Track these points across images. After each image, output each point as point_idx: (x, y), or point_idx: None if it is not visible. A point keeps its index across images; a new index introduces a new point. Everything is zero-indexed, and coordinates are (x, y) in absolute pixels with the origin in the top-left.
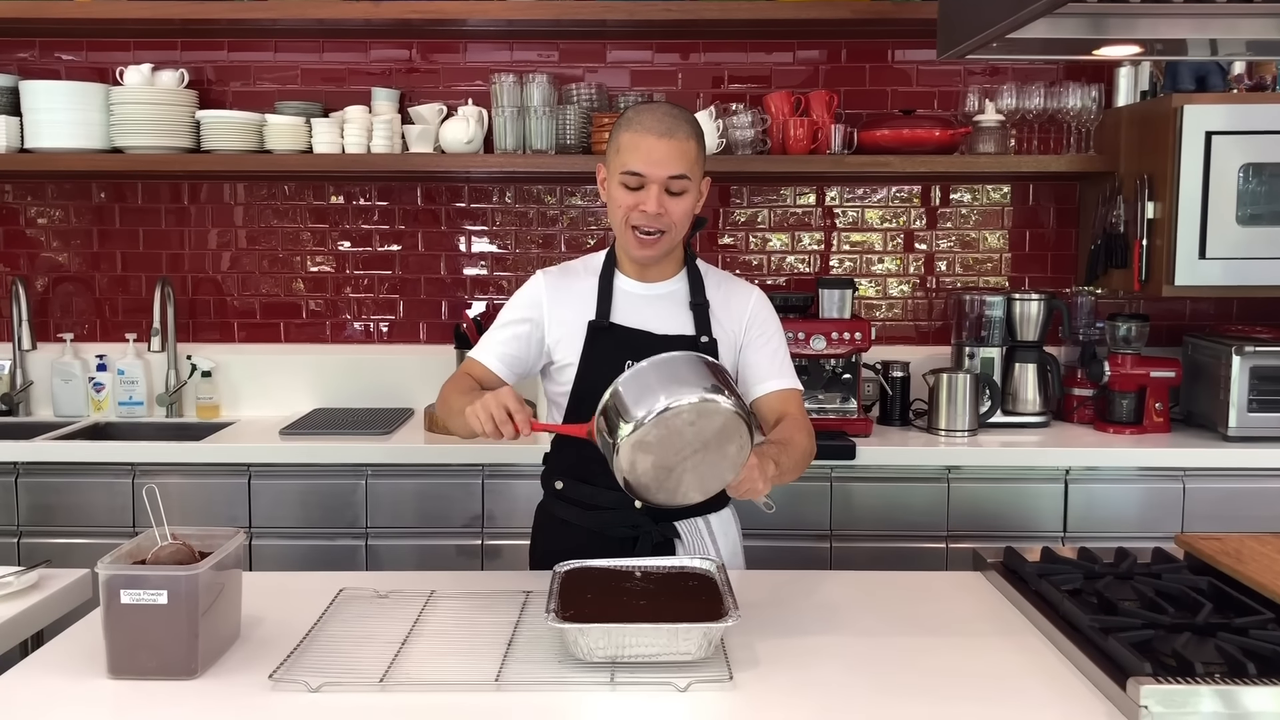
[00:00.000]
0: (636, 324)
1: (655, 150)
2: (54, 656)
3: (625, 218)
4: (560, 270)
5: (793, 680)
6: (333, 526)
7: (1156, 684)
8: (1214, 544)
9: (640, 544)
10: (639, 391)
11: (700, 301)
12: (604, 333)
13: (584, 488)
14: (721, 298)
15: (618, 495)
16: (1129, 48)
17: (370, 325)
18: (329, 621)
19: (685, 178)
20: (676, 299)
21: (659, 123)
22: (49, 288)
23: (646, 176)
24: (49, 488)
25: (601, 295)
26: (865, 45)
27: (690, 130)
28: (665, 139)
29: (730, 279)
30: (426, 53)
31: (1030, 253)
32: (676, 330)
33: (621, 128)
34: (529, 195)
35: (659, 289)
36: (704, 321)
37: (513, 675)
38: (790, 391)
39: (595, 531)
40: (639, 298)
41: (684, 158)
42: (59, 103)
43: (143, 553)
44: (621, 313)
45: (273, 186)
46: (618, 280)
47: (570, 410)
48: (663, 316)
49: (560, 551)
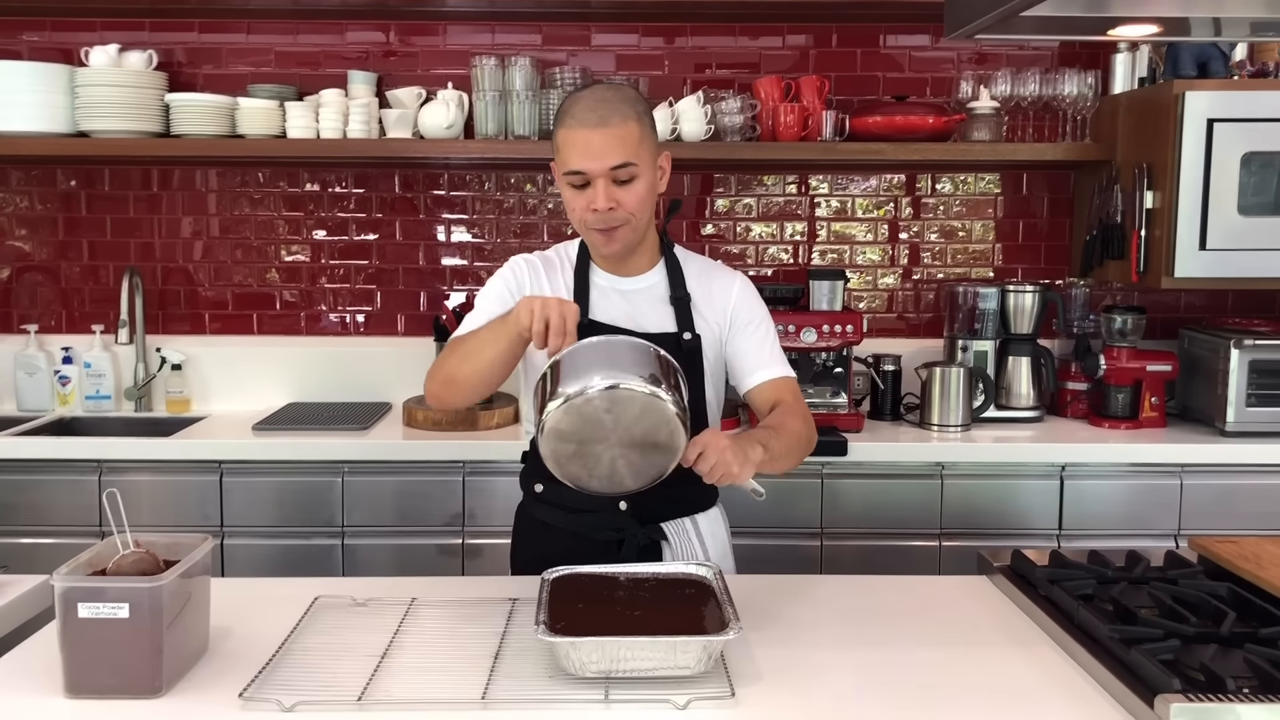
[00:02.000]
0: (617, 320)
1: (591, 143)
2: (6, 673)
3: (582, 219)
4: (539, 258)
5: (798, 697)
6: (308, 526)
7: (1187, 701)
8: (1231, 547)
9: (625, 547)
10: (568, 371)
11: (681, 295)
12: (583, 330)
13: (564, 489)
14: (703, 289)
15: (601, 497)
16: (1144, 26)
17: (346, 317)
18: (303, 633)
19: (630, 164)
20: (656, 294)
21: (590, 112)
22: (12, 277)
23: (588, 173)
24: (11, 485)
25: (579, 291)
26: (856, 30)
27: (627, 111)
28: (600, 129)
29: (712, 267)
30: (405, 35)
31: (1024, 243)
32: (658, 328)
33: (557, 124)
34: (509, 184)
35: (636, 283)
36: (685, 317)
37: (500, 692)
38: (784, 380)
39: (579, 535)
40: (617, 293)
41: (623, 144)
42: (21, 84)
43: (103, 561)
44: (600, 309)
45: (246, 173)
46: (594, 275)
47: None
48: (643, 312)
49: (542, 557)
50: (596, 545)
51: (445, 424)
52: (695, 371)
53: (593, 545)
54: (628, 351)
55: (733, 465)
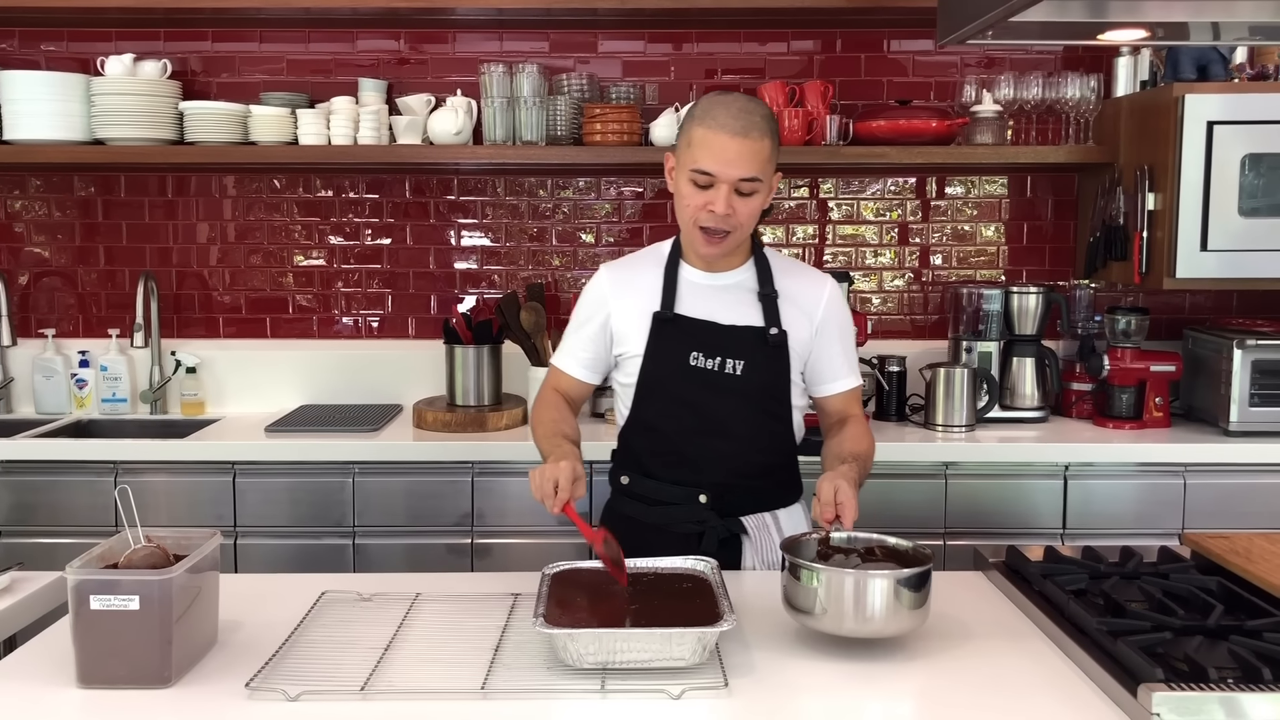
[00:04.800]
0: (702, 314)
1: (728, 150)
2: (21, 665)
3: (693, 217)
4: (624, 262)
5: (790, 687)
6: (320, 526)
7: (1169, 690)
8: (1222, 543)
9: (706, 539)
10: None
11: (769, 292)
12: (669, 324)
13: (649, 482)
14: (792, 288)
15: (683, 490)
16: (1133, 31)
17: (359, 320)
18: (309, 626)
19: (756, 179)
20: (744, 288)
21: (734, 120)
22: (31, 282)
23: (717, 176)
24: (29, 486)
25: (666, 285)
26: (860, 35)
27: (765, 128)
28: (739, 138)
29: (802, 267)
30: (415, 43)
31: (1028, 245)
32: (744, 321)
33: (694, 121)
34: (520, 187)
35: (725, 279)
36: (773, 313)
37: (499, 683)
38: (857, 390)
39: (660, 527)
40: (705, 288)
41: (756, 158)
42: (39, 93)
43: (115, 556)
44: (686, 303)
45: (259, 179)
46: (683, 270)
47: (636, 401)
48: (730, 306)
49: (627, 548)
50: (677, 538)
51: (454, 425)
52: (781, 366)
53: (674, 538)
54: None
55: (854, 513)
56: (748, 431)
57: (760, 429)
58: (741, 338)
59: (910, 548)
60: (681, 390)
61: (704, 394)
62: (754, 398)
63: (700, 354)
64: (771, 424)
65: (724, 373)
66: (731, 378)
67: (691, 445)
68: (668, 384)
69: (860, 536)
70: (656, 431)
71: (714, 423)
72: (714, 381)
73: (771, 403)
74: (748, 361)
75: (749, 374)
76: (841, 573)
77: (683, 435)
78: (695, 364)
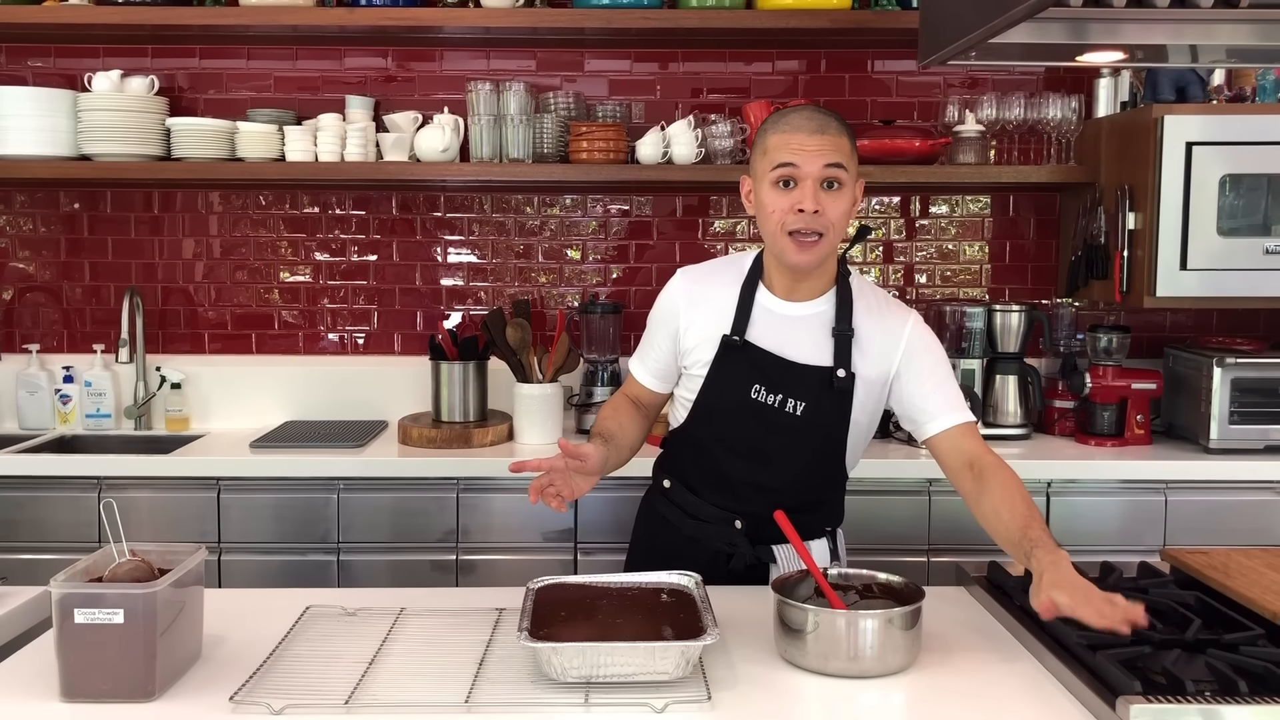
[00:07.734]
0: (773, 346)
1: (808, 144)
2: (5, 679)
3: (780, 223)
4: (701, 272)
5: (773, 701)
6: (304, 542)
7: (1147, 703)
8: (1201, 558)
9: (734, 560)
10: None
11: (844, 330)
12: (737, 350)
13: (689, 496)
14: (872, 327)
15: (719, 511)
16: (1111, 54)
17: (344, 336)
18: (294, 640)
19: (841, 167)
20: (820, 322)
21: (808, 120)
22: (15, 298)
23: (800, 167)
24: (13, 502)
25: (740, 308)
26: (845, 55)
27: (841, 127)
28: (817, 134)
29: (886, 303)
30: (402, 61)
31: (1010, 264)
32: (814, 360)
33: (767, 132)
34: (507, 205)
35: (803, 309)
36: (844, 353)
37: (483, 696)
38: (969, 426)
39: (692, 538)
40: (779, 317)
41: (837, 149)
42: (26, 109)
43: (99, 569)
44: (758, 330)
45: (246, 196)
46: (759, 295)
47: (690, 418)
48: (802, 341)
49: (659, 547)
50: (707, 553)
51: (440, 442)
52: (843, 409)
53: (703, 551)
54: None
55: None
56: (797, 471)
57: (811, 470)
58: (807, 377)
59: (904, 584)
60: (737, 420)
61: (760, 429)
62: (810, 440)
63: (763, 388)
64: (823, 465)
65: (784, 410)
66: (791, 417)
67: (737, 474)
68: (725, 412)
69: (852, 573)
70: (705, 453)
71: (764, 458)
72: (772, 419)
73: (827, 444)
74: (810, 404)
75: (809, 415)
76: (832, 613)
77: (730, 463)
78: (756, 398)
